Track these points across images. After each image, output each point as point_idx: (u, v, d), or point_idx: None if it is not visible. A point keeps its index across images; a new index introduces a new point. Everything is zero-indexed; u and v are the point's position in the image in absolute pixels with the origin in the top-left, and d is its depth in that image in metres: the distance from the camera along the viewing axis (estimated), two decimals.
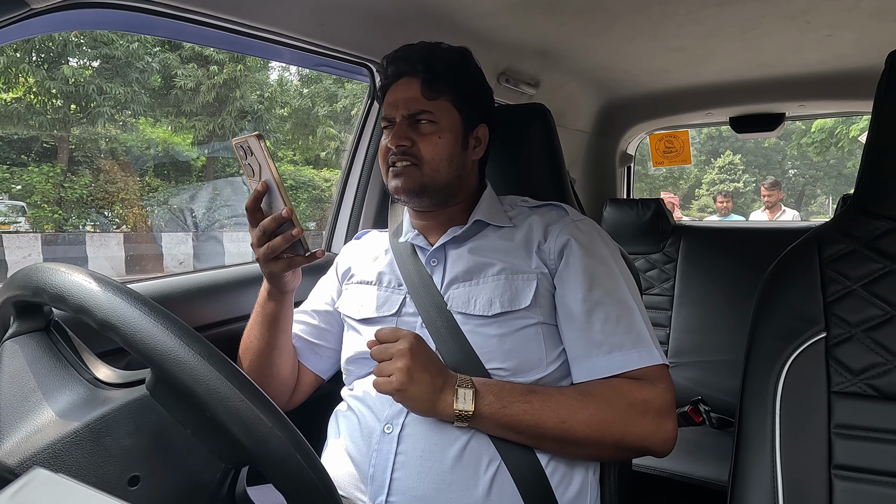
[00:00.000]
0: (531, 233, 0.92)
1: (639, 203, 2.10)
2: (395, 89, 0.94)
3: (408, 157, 0.91)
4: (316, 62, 1.22)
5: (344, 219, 1.47)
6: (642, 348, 0.81)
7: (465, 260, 0.91)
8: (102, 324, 0.48)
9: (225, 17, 0.96)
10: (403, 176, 0.91)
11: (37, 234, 7.73)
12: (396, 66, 0.95)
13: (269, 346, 0.91)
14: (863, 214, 0.80)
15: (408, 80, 0.94)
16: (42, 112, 8.33)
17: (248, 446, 0.46)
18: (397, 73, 0.95)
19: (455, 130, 0.94)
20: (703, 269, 1.97)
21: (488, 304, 0.85)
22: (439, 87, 0.92)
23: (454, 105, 0.94)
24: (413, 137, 0.91)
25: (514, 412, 0.75)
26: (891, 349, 0.73)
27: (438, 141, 0.91)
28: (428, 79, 0.92)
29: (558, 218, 0.94)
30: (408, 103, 0.92)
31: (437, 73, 0.93)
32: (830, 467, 0.72)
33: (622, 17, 1.35)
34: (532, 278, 0.86)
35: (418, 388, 0.74)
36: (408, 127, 0.92)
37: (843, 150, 15.79)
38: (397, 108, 0.93)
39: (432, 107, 0.92)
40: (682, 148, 2.45)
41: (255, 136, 0.75)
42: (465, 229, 0.93)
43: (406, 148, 0.90)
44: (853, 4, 1.26)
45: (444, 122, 0.93)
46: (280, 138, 11.86)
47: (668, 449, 0.79)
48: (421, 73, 0.93)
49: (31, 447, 0.48)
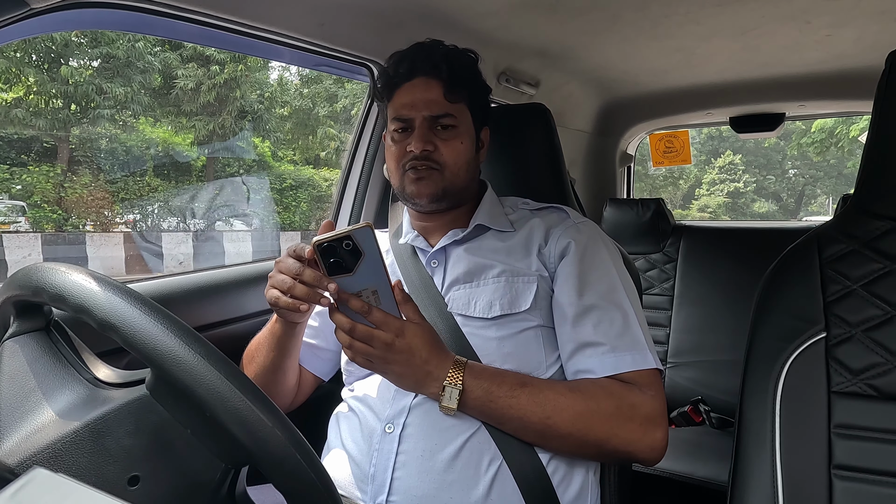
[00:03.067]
0: (532, 235, 0.91)
1: (639, 203, 2.10)
2: (412, 89, 0.91)
3: (430, 162, 0.89)
4: (316, 62, 1.22)
5: (344, 219, 1.47)
6: (636, 351, 0.80)
7: (465, 261, 0.91)
8: (102, 323, 0.48)
9: (225, 17, 0.95)
10: (426, 181, 0.89)
11: (37, 233, 7.73)
12: (412, 64, 0.91)
13: (273, 366, 0.90)
14: (863, 214, 0.80)
15: (427, 81, 0.90)
16: (42, 112, 8.33)
17: (248, 446, 0.46)
18: (413, 72, 0.91)
19: (471, 134, 0.94)
20: (703, 269, 1.97)
21: (488, 307, 0.85)
22: (460, 90, 0.91)
23: (469, 109, 0.93)
24: (435, 142, 0.89)
25: (499, 406, 0.75)
26: (891, 349, 0.73)
27: (460, 146, 0.91)
28: (451, 81, 0.90)
29: (560, 220, 0.93)
30: (430, 105, 0.89)
31: (459, 75, 0.91)
32: (830, 467, 0.72)
33: (622, 17, 1.35)
34: (532, 281, 0.86)
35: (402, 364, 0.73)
36: (428, 130, 0.89)
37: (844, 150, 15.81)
38: (417, 108, 0.89)
39: (454, 110, 0.90)
40: (682, 148, 2.45)
41: (364, 226, 0.65)
42: (467, 233, 0.93)
43: (429, 153, 0.88)
44: (853, 4, 1.26)
45: (463, 126, 0.92)
46: (280, 138, 11.86)
47: (655, 458, 0.77)
48: (445, 74, 0.90)
49: (31, 447, 0.48)
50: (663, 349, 1.94)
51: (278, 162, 11.70)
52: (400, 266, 0.95)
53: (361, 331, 0.70)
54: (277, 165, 11.54)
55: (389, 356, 0.72)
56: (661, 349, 1.94)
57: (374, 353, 0.71)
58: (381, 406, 0.83)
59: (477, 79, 0.96)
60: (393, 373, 0.74)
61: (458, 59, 0.93)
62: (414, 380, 0.75)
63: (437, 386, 0.74)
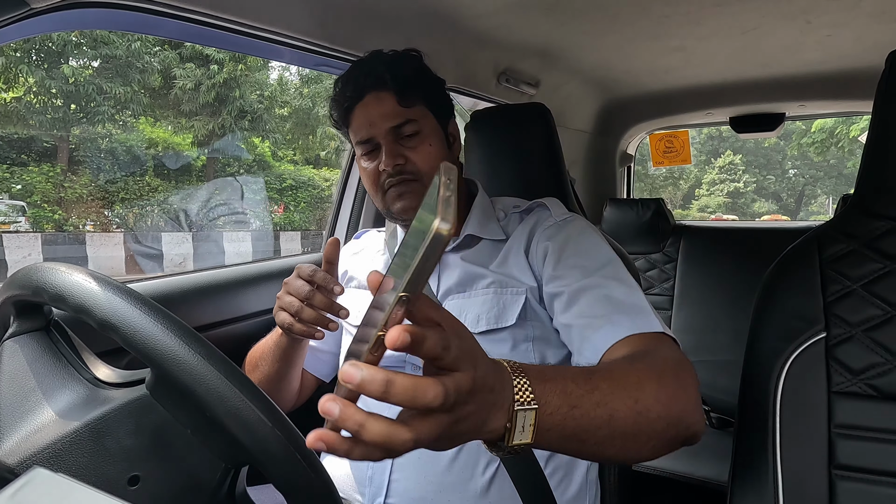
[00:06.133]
0: (520, 241, 0.88)
1: (639, 203, 2.10)
2: (365, 108, 0.88)
3: (405, 175, 0.86)
4: (316, 62, 1.22)
5: (344, 219, 1.47)
6: (639, 317, 0.71)
7: (459, 269, 0.89)
8: (102, 323, 0.48)
9: (225, 17, 0.95)
10: (408, 195, 0.86)
11: (37, 233, 7.73)
12: (357, 83, 0.88)
13: (279, 376, 0.90)
14: (863, 214, 0.80)
15: (377, 95, 0.87)
16: (42, 112, 8.33)
17: (248, 446, 0.46)
18: (361, 91, 0.88)
19: (438, 132, 0.91)
20: (703, 269, 1.97)
21: (475, 320, 0.82)
22: (412, 93, 0.87)
23: (428, 108, 0.90)
24: (403, 153, 0.87)
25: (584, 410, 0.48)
26: (891, 349, 0.73)
27: (430, 149, 0.88)
28: (400, 88, 0.86)
29: (542, 220, 0.90)
30: (387, 118, 0.86)
31: (406, 79, 0.87)
32: (831, 467, 0.72)
33: (622, 17, 1.35)
34: (521, 293, 0.83)
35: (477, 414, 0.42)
36: (394, 143, 0.87)
37: (844, 150, 15.81)
38: (375, 125, 0.87)
39: (413, 114, 0.87)
40: (683, 148, 2.45)
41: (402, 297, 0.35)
42: (457, 244, 0.91)
43: (402, 166, 0.86)
44: (853, 4, 1.26)
45: (427, 128, 0.89)
46: (280, 138, 11.86)
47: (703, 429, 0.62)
48: (390, 83, 0.86)
49: (31, 447, 0.48)
50: None
51: (278, 162, 11.71)
52: None
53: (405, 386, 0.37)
54: (277, 165, 11.55)
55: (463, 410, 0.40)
56: None
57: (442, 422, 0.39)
58: (379, 407, 0.83)
59: (426, 75, 0.93)
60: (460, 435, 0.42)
61: (402, 64, 0.89)
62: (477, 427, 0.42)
63: (503, 416, 0.43)
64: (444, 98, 0.95)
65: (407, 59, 0.92)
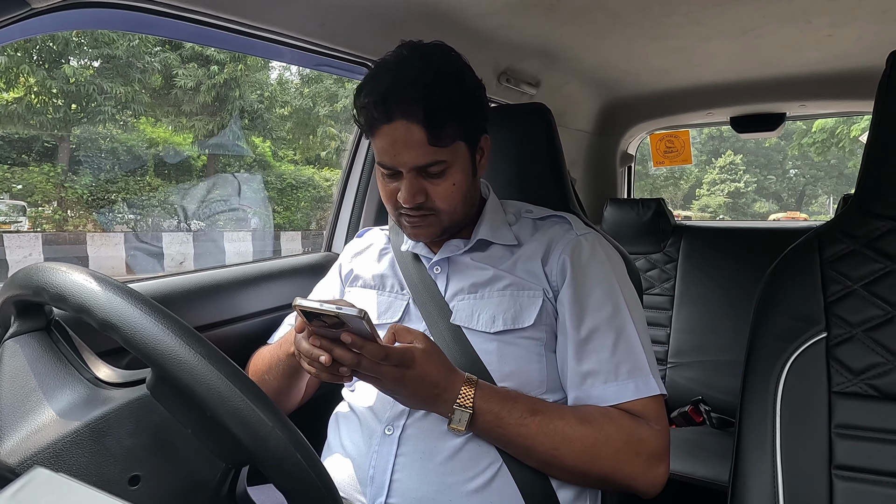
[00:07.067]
0: (536, 249, 0.88)
1: (639, 203, 2.10)
2: (392, 133, 0.79)
3: (423, 210, 0.84)
4: (316, 62, 1.22)
5: (344, 219, 1.47)
6: (639, 378, 0.78)
7: (471, 271, 0.89)
8: (103, 323, 0.48)
9: (226, 17, 0.95)
10: (423, 227, 0.86)
11: (37, 233, 7.73)
12: (388, 107, 0.78)
13: (286, 388, 0.91)
14: (863, 214, 0.80)
15: (407, 126, 0.78)
16: (42, 112, 8.33)
17: (249, 446, 0.46)
18: (390, 115, 0.78)
19: (466, 166, 0.85)
20: (703, 269, 1.97)
21: (491, 321, 0.83)
22: (446, 130, 0.79)
23: (462, 139, 0.83)
24: (425, 188, 0.82)
25: (508, 432, 0.74)
26: (891, 349, 0.73)
27: (453, 188, 0.84)
28: (432, 124, 0.77)
29: (562, 233, 0.89)
30: (414, 155, 0.79)
31: (441, 112, 0.78)
32: (831, 467, 0.72)
33: (623, 17, 1.35)
34: (538, 295, 0.84)
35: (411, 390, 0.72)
36: (416, 178, 0.82)
37: (844, 150, 15.80)
38: (399, 157, 0.80)
39: (442, 155, 0.81)
40: (683, 148, 2.45)
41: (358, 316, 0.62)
42: (468, 248, 0.91)
43: (421, 203, 0.83)
44: (854, 4, 1.26)
45: (455, 165, 0.83)
46: (280, 138, 11.86)
47: (653, 492, 0.76)
48: (421, 117, 0.77)
49: (32, 446, 0.48)
50: (664, 349, 1.94)
51: (279, 162, 11.71)
52: (402, 269, 0.94)
53: (367, 367, 0.68)
54: (278, 165, 11.54)
55: (399, 388, 0.71)
56: (662, 349, 1.94)
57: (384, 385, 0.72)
58: (381, 408, 0.83)
59: (466, 100, 0.82)
60: (402, 395, 0.74)
61: (439, 93, 0.78)
62: (423, 403, 0.75)
63: (448, 407, 0.74)
64: (480, 119, 0.87)
65: (446, 83, 0.79)
